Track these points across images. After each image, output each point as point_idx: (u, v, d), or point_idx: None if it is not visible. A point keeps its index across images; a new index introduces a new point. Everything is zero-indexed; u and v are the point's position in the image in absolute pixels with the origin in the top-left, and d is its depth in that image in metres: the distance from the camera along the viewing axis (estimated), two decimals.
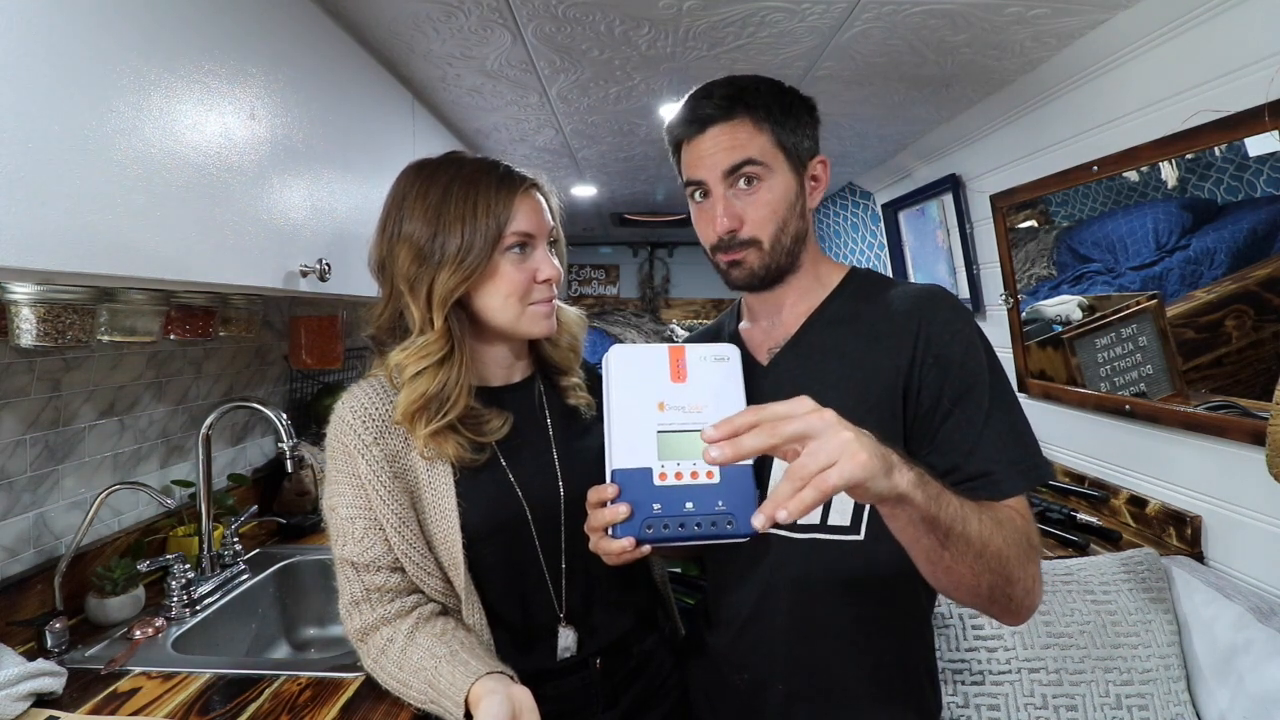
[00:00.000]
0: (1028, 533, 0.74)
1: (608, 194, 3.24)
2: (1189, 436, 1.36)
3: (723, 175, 0.84)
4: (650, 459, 0.73)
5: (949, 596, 0.75)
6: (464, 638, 0.83)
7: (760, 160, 0.83)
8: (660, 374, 0.75)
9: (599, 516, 0.73)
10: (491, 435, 0.89)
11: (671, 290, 5.17)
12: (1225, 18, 1.16)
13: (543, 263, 0.90)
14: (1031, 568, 0.72)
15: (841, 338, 0.85)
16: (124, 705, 0.91)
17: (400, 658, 0.81)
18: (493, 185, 0.87)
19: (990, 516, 0.69)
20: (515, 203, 0.87)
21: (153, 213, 0.82)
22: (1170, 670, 1.15)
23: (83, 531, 1.10)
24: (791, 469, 0.54)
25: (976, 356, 0.79)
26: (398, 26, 1.37)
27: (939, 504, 0.63)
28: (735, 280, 0.89)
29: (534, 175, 0.92)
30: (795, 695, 0.86)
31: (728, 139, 0.84)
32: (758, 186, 0.84)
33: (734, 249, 0.86)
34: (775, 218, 0.85)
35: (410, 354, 0.85)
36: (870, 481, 0.55)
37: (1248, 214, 1.20)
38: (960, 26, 1.36)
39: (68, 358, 1.17)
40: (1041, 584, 0.74)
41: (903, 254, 2.87)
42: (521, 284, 0.88)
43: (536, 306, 0.90)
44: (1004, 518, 0.71)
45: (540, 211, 0.91)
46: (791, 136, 0.85)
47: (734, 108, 0.84)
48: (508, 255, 0.88)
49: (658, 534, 0.71)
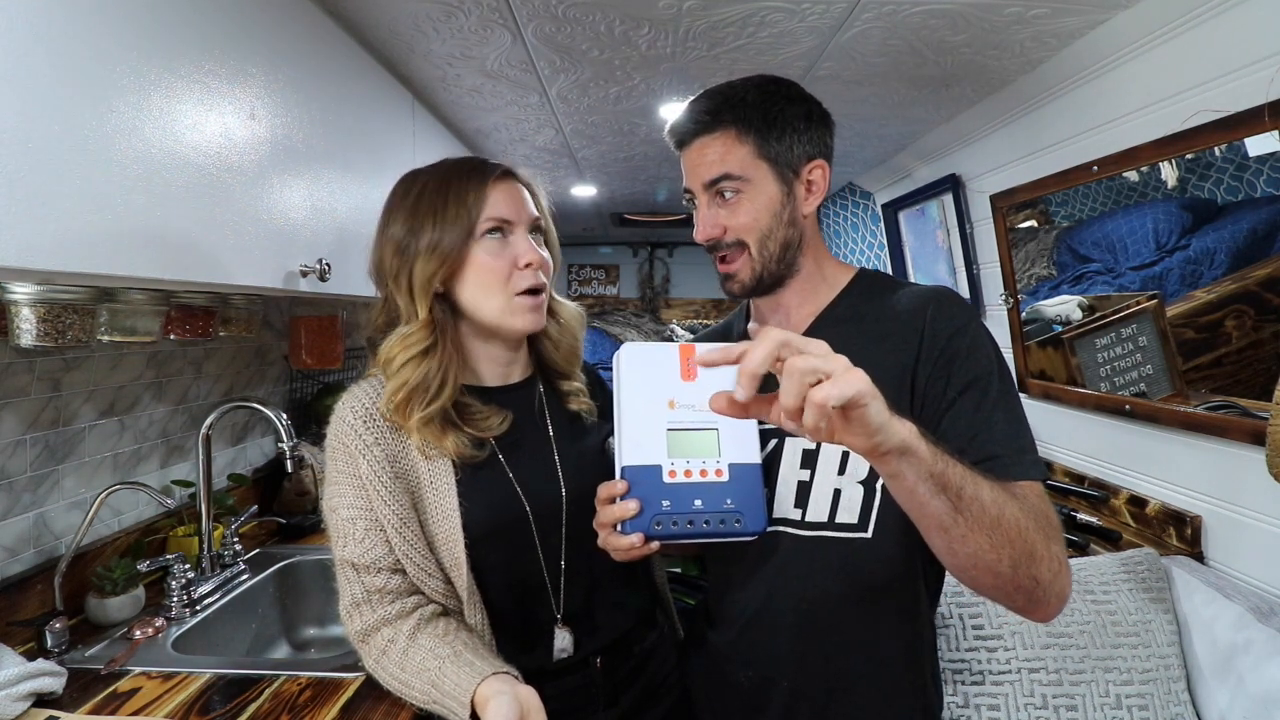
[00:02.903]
0: (1046, 511, 0.72)
1: (608, 194, 3.24)
2: (1189, 436, 1.36)
3: (703, 187, 0.87)
4: (660, 456, 0.73)
5: (970, 583, 0.70)
6: (466, 638, 0.83)
7: (738, 174, 0.85)
8: (671, 372, 0.76)
9: (608, 512, 0.73)
10: (490, 431, 0.90)
11: (671, 290, 5.18)
12: (1225, 18, 1.16)
13: (523, 248, 0.90)
14: (1055, 546, 0.69)
15: (849, 336, 0.85)
16: (124, 705, 0.91)
17: (402, 659, 0.81)
18: (464, 177, 0.89)
19: (1004, 488, 0.67)
20: (487, 190, 0.88)
21: (153, 213, 0.82)
22: (1170, 670, 1.15)
23: (83, 531, 1.10)
24: (788, 366, 0.54)
25: (983, 350, 0.80)
26: (398, 26, 1.37)
27: (945, 460, 0.62)
28: (729, 291, 0.91)
29: (511, 165, 0.93)
30: (799, 693, 0.86)
31: (709, 152, 0.86)
32: (738, 199, 0.86)
33: (723, 253, 0.89)
34: (758, 226, 0.86)
35: (395, 343, 0.87)
36: (869, 406, 0.54)
37: (1248, 214, 1.20)
38: (960, 26, 1.36)
39: (68, 358, 1.17)
40: (1069, 570, 0.71)
41: (903, 254, 2.87)
42: (501, 271, 0.88)
43: (523, 298, 0.89)
44: (1018, 493, 0.70)
45: (517, 199, 0.91)
46: (777, 146, 0.85)
47: (717, 120, 0.86)
48: (484, 243, 0.88)
49: (666, 530, 0.72)
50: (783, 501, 0.85)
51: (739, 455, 0.76)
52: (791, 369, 0.54)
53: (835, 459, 0.83)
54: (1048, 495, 0.76)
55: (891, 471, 0.61)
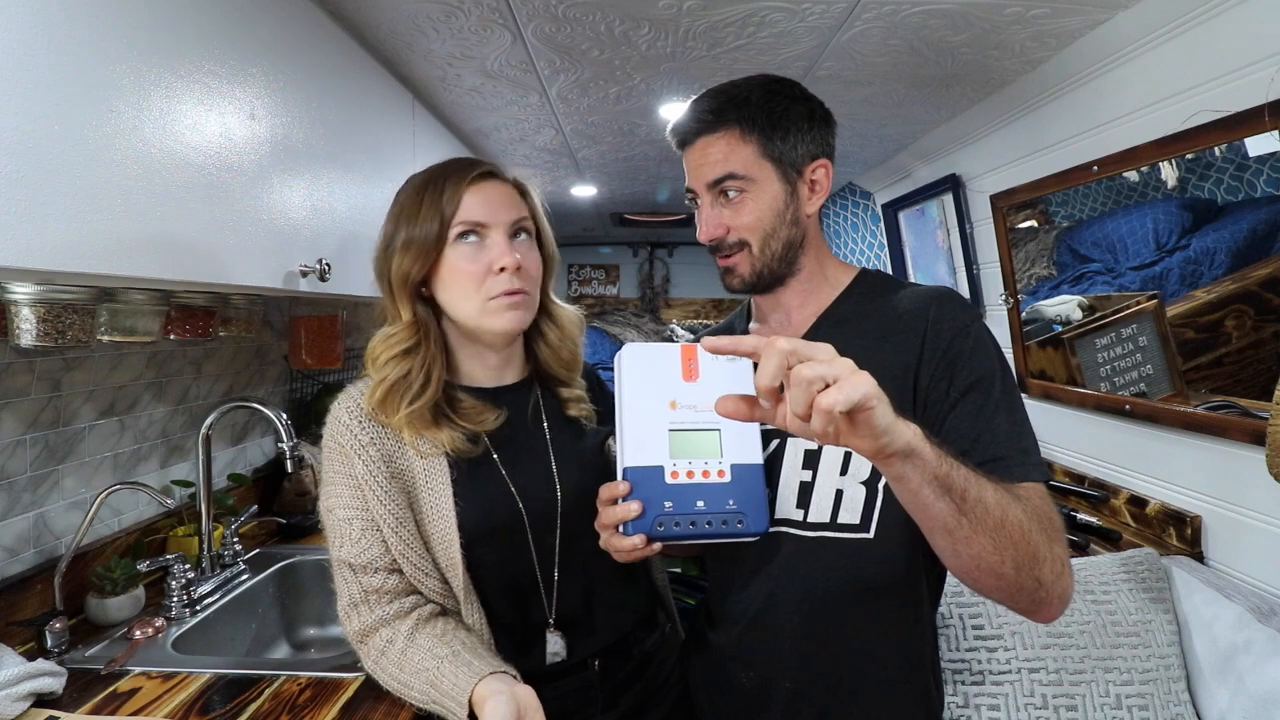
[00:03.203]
0: (1049, 512, 0.72)
1: (608, 194, 3.24)
2: (1189, 436, 1.36)
3: (706, 187, 0.87)
4: (662, 457, 0.73)
5: (973, 584, 0.70)
6: (465, 638, 0.83)
7: (742, 174, 0.84)
8: (672, 373, 0.76)
9: (610, 514, 0.73)
10: (484, 425, 0.90)
11: (671, 290, 5.17)
12: (1225, 18, 1.16)
13: (498, 252, 0.87)
14: (1058, 548, 0.69)
15: (850, 337, 0.85)
16: (124, 705, 0.91)
17: (401, 659, 0.81)
18: (441, 179, 0.89)
19: (1007, 490, 0.67)
20: (462, 192, 0.87)
21: (153, 213, 0.82)
22: (1170, 670, 1.15)
23: (83, 531, 1.10)
24: (795, 375, 0.54)
25: (986, 351, 0.80)
26: (398, 26, 1.37)
27: (949, 463, 0.62)
28: (730, 287, 0.92)
29: (497, 166, 0.93)
30: (801, 693, 0.86)
31: (712, 152, 0.86)
32: (742, 198, 0.85)
33: (725, 252, 0.88)
34: (761, 226, 0.86)
35: (379, 341, 0.89)
36: (876, 409, 0.54)
37: (1248, 214, 1.20)
38: (960, 26, 1.36)
39: (68, 358, 1.17)
40: (1071, 570, 0.71)
41: (903, 254, 2.87)
42: (475, 274, 0.87)
43: (499, 300, 0.87)
44: (1021, 494, 0.70)
45: (495, 200, 0.89)
46: (781, 145, 0.85)
47: (721, 119, 0.85)
48: (458, 247, 0.87)
49: (669, 531, 0.72)
50: (784, 502, 0.85)
51: (741, 456, 0.76)
52: (799, 378, 0.53)
53: (837, 460, 0.83)
54: (1050, 496, 0.76)
55: (896, 474, 0.61)
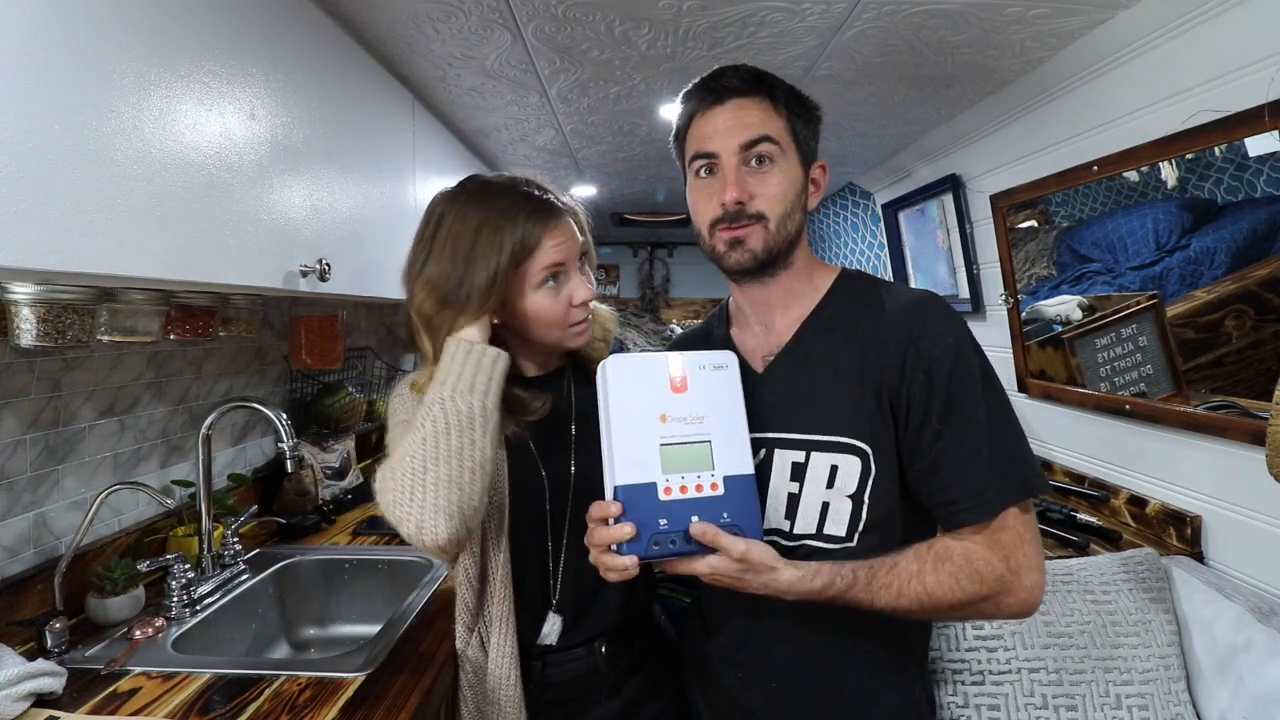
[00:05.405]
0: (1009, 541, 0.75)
1: (608, 194, 3.24)
2: (1189, 436, 1.36)
3: (739, 148, 0.82)
4: (654, 473, 0.71)
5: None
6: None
7: (777, 140, 0.82)
8: (660, 384, 0.74)
9: (603, 534, 0.71)
10: (534, 414, 0.93)
11: (671, 290, 5.18)
12: (1225, 18, 1.16)
13: (577, 287, 0.92)
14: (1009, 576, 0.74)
15: (834, 346, 0.84)
16: (124, 705, 0.90)
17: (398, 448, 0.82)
18: (515, 220, 0.86)
19: (946, 572, 0.74)
20: (543, 238, 0.87)
21: (153, 213, 0.82)
22: (1170, 670, 1.15)
23: (83, 531, 1.10)
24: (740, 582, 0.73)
25: (966, 369, 0.78)
26: (398, 26, 1.37)
27: (846, 580, 0.74)
28: (734, 262, 0.84)
29: (563, 201, 0.92)
30: (787, 694, 0.86)
31: (749, 114, 0.82)
32: (770, 169, 0.82)
33: (740, 222, 0.82)
34: (784, 201, 0.83)
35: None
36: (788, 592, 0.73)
37: (1248, 214, 1.20)
38: (960, 26, 1.36)
39: (68, 358, 1.17)
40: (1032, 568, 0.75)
41: (903, 254, 2.87)
42: (559, 314, 0.91)
43: (576, 327, 0.93)
44: (959, 561, 0.75)
45: (570, 238, 0.91)
46: (804, 130, 0.86)
47: (756, 87, 0.84)
48: (542, 290, 0.89)
49: (664, 550, 0.70)
50: (773, 512, 0.83)
51: (733, 467, 0.74)
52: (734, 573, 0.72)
53: (824, 472, 0.81)
54: (1032, 509, 0.78)
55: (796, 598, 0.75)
